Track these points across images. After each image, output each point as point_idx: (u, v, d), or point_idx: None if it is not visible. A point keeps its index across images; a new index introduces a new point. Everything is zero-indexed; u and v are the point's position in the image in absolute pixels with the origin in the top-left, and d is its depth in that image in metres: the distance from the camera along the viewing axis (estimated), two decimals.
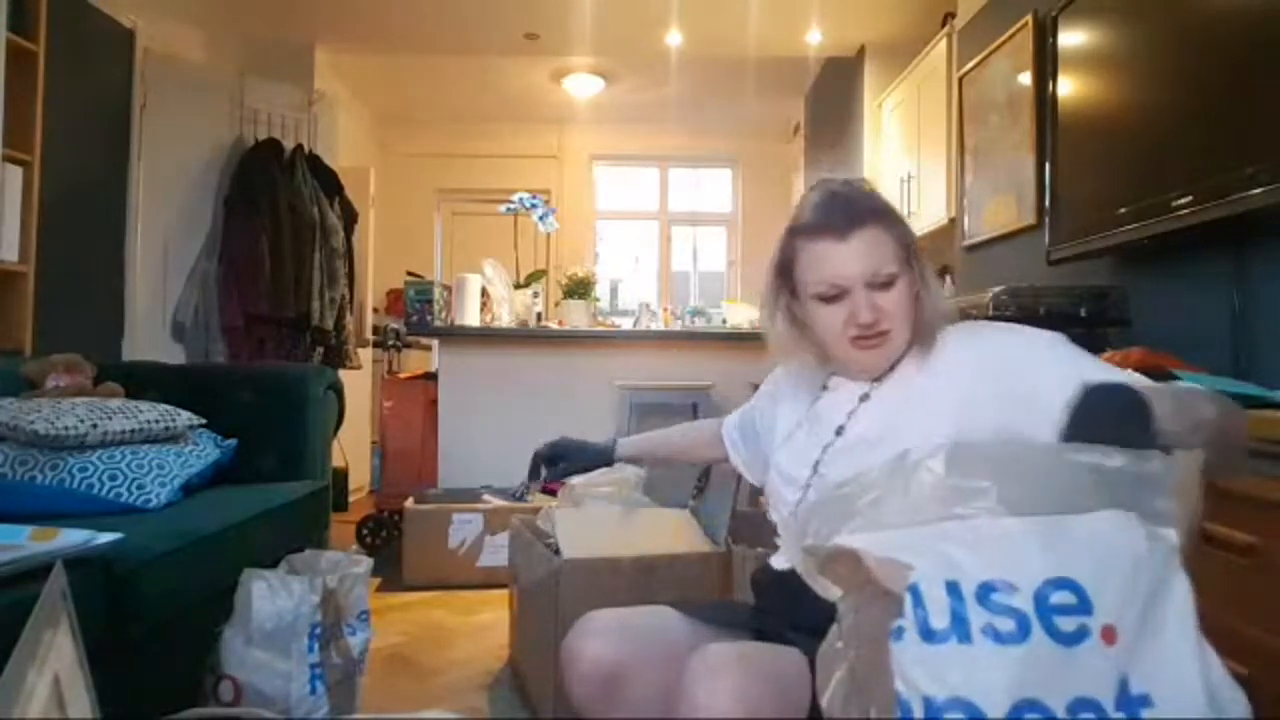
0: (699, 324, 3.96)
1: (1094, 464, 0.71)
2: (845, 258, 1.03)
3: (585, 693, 1.00)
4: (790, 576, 1.07)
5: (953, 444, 0.73)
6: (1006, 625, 0.62)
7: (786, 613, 1.04)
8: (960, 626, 0.62)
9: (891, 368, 1.08)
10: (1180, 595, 0.65)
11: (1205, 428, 0.82)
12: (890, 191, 4.11)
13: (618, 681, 0.99)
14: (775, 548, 1.17)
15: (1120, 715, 0.61)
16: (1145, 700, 0.62)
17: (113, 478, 1.74)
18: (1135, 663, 0.63)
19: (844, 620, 0.69)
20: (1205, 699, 0.63)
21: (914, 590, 0.64)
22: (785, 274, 1.11)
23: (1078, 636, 0.62)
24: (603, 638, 1.02)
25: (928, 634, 0.63)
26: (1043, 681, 0.60)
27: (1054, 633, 0.62)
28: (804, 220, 1.08)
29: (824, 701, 0.68)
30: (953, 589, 0.64)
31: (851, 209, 1.05)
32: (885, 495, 0.71)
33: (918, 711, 0.61)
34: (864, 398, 1.09)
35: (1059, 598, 0.63)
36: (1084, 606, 0.63)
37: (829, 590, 0.72)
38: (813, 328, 1.09)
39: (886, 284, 1.03)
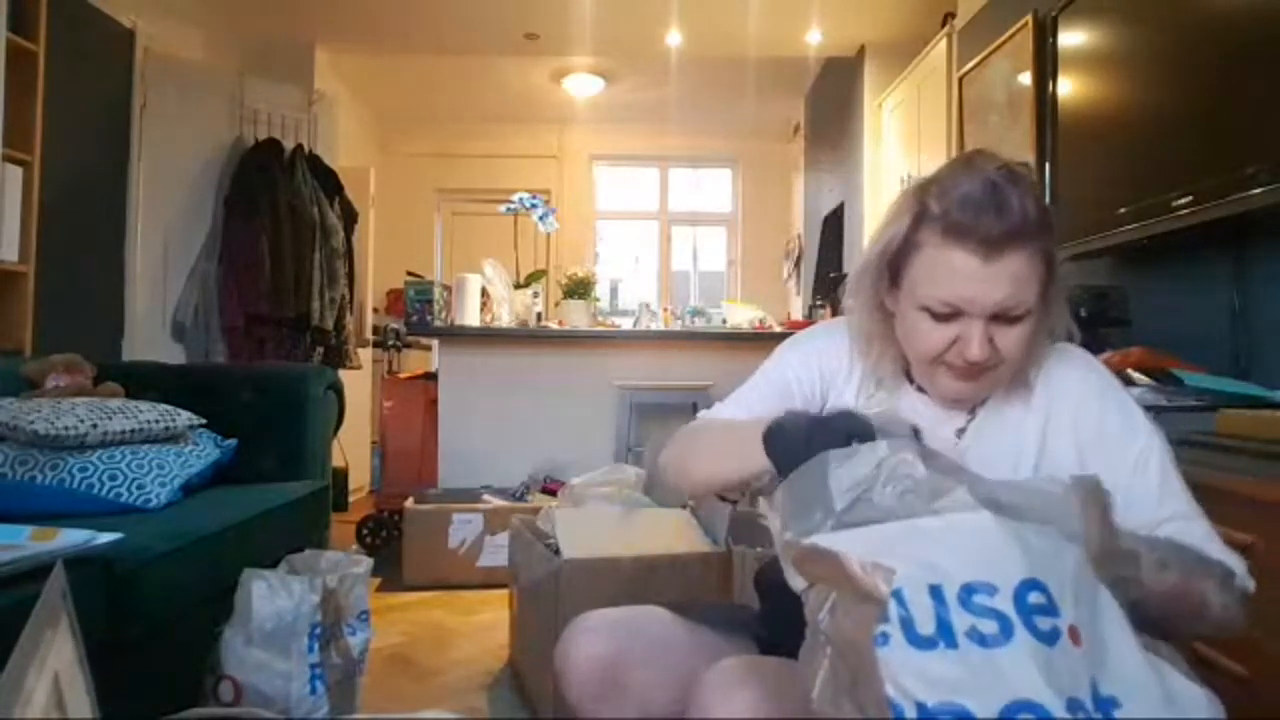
0: (699, 324, 3.96)
1: (1037, 485, 0.75)
2: (980, 282, 0.84)
3: (582, 693, 0.96)
4: None
5: (922, 446, 0.74)
6: (989, 628, 0.62)
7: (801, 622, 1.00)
8: (945, 632, 0.63)
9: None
10: (1111, 604, 0.67)
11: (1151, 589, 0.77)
12: (889, 192, 4.12)
13: (615, 679, 0.95)
14: (775, 556, 1.14)
15: (1098, 716, 0.62)
16: (1114, 702, 0.63)
17: (113, 478, 1.74)
18: (1098, 666, 0.64)
19: (817, 616, 0.69)
20: (1163, 703, 0.64)
21: (898, 595, 0.64)
22: (894, 261, 0.91)
23: (1053, 636, 0.63)
24: (597, 635, 0.98)
25: (915, 640, 0.63)
26: (1034, 681, 0.61)
27: (1036, 633, 0.63)
28: (946, 213, 0.85)
29: (814, 695, 0.68)
30: (936, 593, 0.64)
31: (1009, 218, 0.82)
32: (864, 491, 0.72)
33: (910, 716, 0.61)
34: (960, 431, 0.96)
35: (1034, 598, 0.64)
36: (1052, 608, 0.64)
37: (796, 581, 0.72)
38: (904, 334, 0.93)
39: (1015, 320, 0.86)
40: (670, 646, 0.99)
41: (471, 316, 3.47)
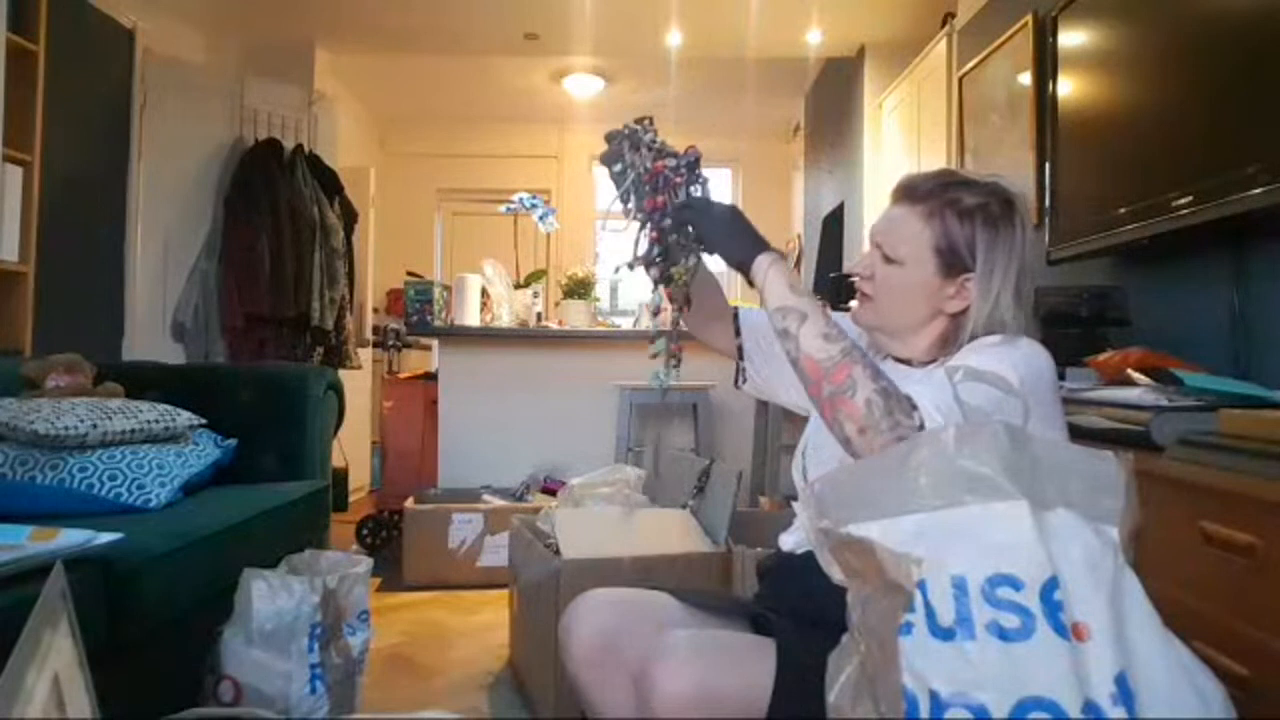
0: None
1: (1066, 459, 0.73)
2: (882, 217, 1.10)
3: (582, 661, 1.03)
4: (794, 559, 1.07)
5: (959, 425, 0.73)
6: (1011, 622, 0.62)
7: (784, 596, 1.05)
8: (966, 623, 0.63)
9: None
10: (1135, 590, 0.66)
11: None
12: (889, 192, 4.11)
13: (613, 650, 1.02)
14: (775, 547, 1.16)
15: (1121, 712, 0.61)
16: (1134, 696, 0.62)
17: (113, 478, 1.74)
18: (1121, 659, 0.63)
19: (853, 616, 0.69)
20: (1189, 689, 0.64)
21: (922, 586, 0.64)
22: None
23: (1069, 633, 0.63)
24: (599, 610, 1.06)
25: (935, 630, 0.63)
26: (1051, 680, 0.60)
27: (1059, 629, 0.62)
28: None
29: (831, 698, 0.68)
30: (960, 585, 0.64)
31: (908, 185, 1.09)
32: (896, 479, 0.71)
33: (924, 707, 0.61)
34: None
35: (1059, 594, 0.63)
36: (1065, 603, 0.64)
37: (833, 570, 0.72)
38: None
39: (887, 260, 1.07)
40: (666, 624, 1.03)
41: (471, 316, 3.47)
